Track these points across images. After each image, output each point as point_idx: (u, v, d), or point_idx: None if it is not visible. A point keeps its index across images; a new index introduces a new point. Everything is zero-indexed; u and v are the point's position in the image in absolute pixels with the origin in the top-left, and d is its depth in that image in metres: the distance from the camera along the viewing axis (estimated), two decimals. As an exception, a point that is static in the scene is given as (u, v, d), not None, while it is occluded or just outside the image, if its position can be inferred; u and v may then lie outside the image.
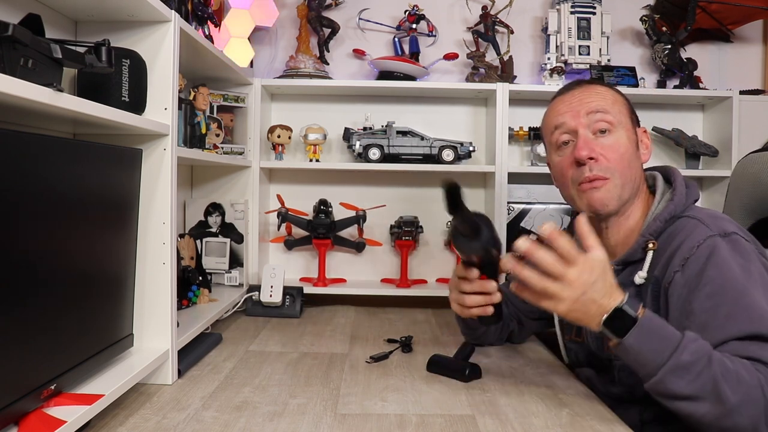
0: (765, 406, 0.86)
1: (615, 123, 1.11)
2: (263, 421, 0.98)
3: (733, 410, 0.85)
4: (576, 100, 1.14)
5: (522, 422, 0.99)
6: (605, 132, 1.11)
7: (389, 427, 0.97)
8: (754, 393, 0.86)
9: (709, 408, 0.87)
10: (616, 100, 1.15)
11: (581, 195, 1.12)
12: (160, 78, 1.15)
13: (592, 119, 1.12)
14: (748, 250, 0.99)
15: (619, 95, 1.17)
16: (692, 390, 0.87)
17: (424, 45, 2.09)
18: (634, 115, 1.17)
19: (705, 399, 0.87)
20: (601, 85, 1.18)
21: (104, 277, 1.03)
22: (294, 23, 2.10)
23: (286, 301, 1.80)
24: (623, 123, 1.13)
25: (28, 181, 0.78)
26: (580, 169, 1.11)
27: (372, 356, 1.34)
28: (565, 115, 1.14)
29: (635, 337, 0.89)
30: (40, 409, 0.85)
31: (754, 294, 0.93)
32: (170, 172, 1.16)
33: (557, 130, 1.15)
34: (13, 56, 0.74)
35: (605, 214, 1.12)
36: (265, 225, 2.06)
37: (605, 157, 1.10)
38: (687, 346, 0.88)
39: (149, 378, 1.14)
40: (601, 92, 1.15)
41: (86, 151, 0.97)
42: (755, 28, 2.20)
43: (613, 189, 1.10)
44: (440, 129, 2.08)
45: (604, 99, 1.14)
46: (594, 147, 1.10)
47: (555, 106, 1.18)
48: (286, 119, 2.04)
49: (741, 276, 0.95)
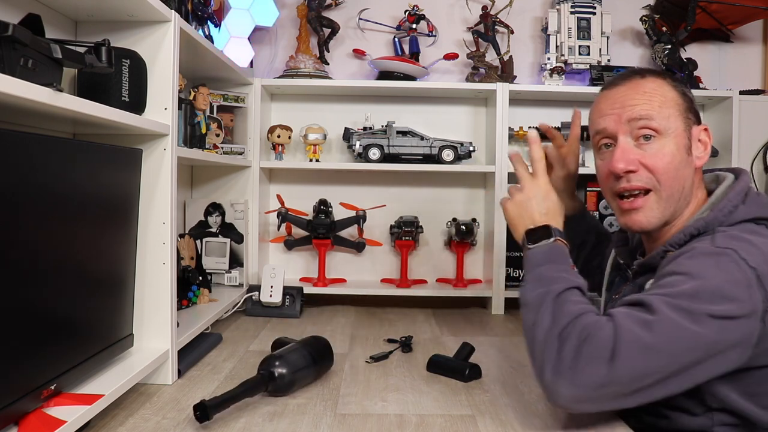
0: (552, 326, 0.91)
1: (661, 130, 1.01)
2: (263, 421, 0.98)
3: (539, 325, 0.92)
4: (619, 101, 1.04)
5: (522, 422, 0.99)
6: (650, 138, 1.02)
7: (389, 427, 0.97)
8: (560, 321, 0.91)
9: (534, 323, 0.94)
10: (666, 101, 1.03)
11: (620, 211, 1.07)
12: (160, 78, 1.15)
13: (634, 126, 1.02)
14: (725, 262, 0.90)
15: (673, 92, 1.04)
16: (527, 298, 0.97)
17: (424, 45, 2.09)
18: (691, 113, 1.05)
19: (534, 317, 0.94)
20: (651, 80, 1.05)
21: (104, 277, 1.03)
22: (294, 23, 2.10)
23: (286, 301, 1.80)
24: (672, 128, 1.02)
25: (28, 181, 0.78)
26: (618, 179, 1.04)
27: (372, 356, 1.34)
28: (606, 118, 1.05)
29: (541, 252, 1.01)
30: (40, 409, 0.85)
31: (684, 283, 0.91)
32: (170, 172, 1.16)
33: (598, 135, 1.08)
34: (13, 56, 0.74)
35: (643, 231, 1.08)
36: (265, 225, 2.06)
37: (647, 167, 1.02)
38: (567, 271, 0.98)
39: (149, 378, 1.14)
40: (649, 92, 1.03)
41: (86, 151, 0.97)
42: (755, 28, 2.20)
43: (655, 206, 1.03)
44: (440, 129, 2.08)
45: (650, 101, 1.02)
46: (633, 158, 1.02)
47: (599, 105, 1.09)
48: (286, 119, 2.04)
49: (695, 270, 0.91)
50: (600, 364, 0.86)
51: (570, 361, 0.87)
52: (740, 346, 0.89)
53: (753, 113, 2.00)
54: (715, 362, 0.88)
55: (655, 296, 0.90)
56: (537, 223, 1.04)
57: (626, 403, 0.90)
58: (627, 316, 0.89)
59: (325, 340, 1.22)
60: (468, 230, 1.97)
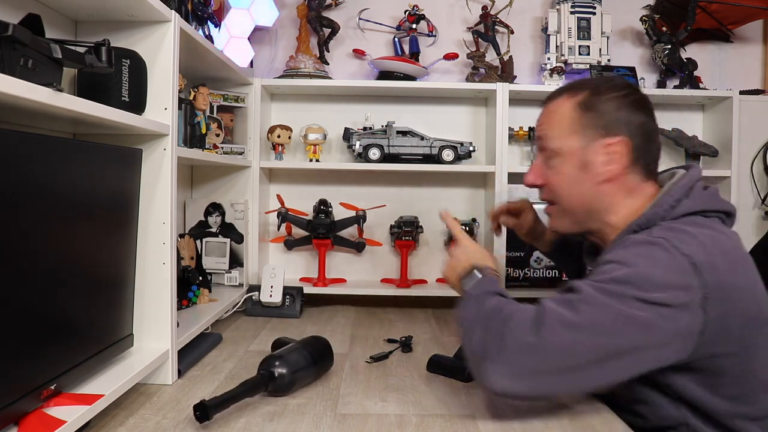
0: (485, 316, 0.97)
1: (555, 149, 1.10)
2: (263, 421, 0.98)
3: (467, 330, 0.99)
4: (537, 124, 1.17)
5: (522, 422, 0.99)
6: (551, 157, 1.11)
7: (389, 427, 0.97)
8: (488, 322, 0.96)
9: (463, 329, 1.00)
10: (562, 122, 1.09)
11: None
12: (160, 78, 1.15)
13: (539, 144, 1.15)
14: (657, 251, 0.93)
15: (573, 112, 1.08)
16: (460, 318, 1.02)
17: (424, 45, 2.09)
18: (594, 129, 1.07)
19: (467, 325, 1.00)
20: (557, 101, 1.12)
21: (104, 277, 1.03)
22: (294, 23, 2.10)
23: (286, 301, 1.80)
24: (566, 148, 1.08)
25: (27, 181, 0.78)
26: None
27: (372, 356, 1.34)
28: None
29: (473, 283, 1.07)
30: (40, 409, 0.85)
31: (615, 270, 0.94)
32: (170, 172, 1.16)
33: None
34: (13, 56, 0.74)
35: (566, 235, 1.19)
36: (265, 225, 2.06)
37: (549, 183, 1.13)
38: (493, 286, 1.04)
39: (149, 378, 1.14)
40: (551, 111, 1.12)
41: (86, 151, 0.97)
42: (755, 28, 2.20)
43: (560, 215, 1.15)
44: (440, 129, 2.08)
45: (550, 121, 1.12)
46: (539, 174, 1.15)
47: None
48: (286, 119, 2.04)
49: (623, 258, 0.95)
50: (524, 336, 0.91)
51: (497, 343, 0.92)
52: (682, 336, 0.90)
53: (753, 113, 2.00)
54: (658, 351, 0.91)
55: (584, 282, 0.95)
56: (467, 269, 1.10)
57: (562, 385, 0.93)
58: (553, 299, 0.95)
59: (325, 340, 1.22)
60: (468, 230, 1.97)
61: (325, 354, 1.20)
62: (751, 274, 0.98)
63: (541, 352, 0.90)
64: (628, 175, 1.07)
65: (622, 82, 1.12)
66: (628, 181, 1.08)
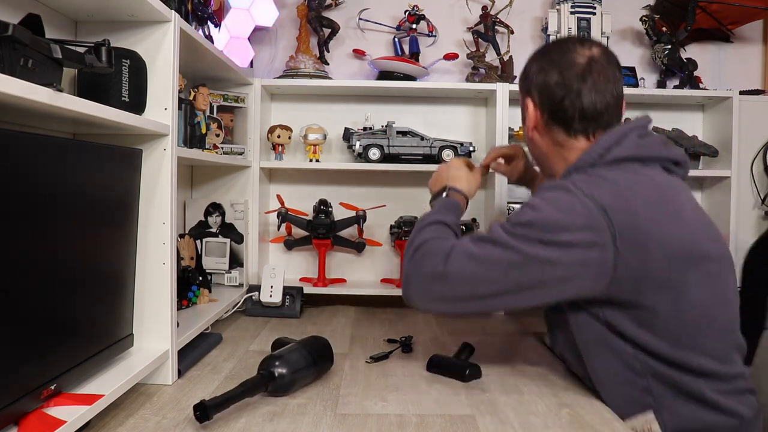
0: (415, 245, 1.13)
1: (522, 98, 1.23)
2: (263, 421, 0.98)
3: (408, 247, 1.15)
4: None
5: (522, 422, 0.99)
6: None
7: (389, 427, 0.97)
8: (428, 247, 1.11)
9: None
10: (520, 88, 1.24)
11: None
12: (160, 78, 1.15)
13: None
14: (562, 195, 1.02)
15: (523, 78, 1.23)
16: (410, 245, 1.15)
17: (424, 45, 2.09)
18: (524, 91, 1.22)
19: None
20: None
21: (104, 277, 1.03)
22: (294, 23, 2.10)
23: (286, 301, 1.80)
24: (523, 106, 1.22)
25: (27, 181, 0.78)
26: None
27: (372, 356, 1.34)
28: None
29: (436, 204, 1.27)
30: (40, 409, 0.85)
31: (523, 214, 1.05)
32: (170, 172, 1.16)
33: None
34: (13, 56, 0.74)
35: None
36: (265, 225, 2.06)
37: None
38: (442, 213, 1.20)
39: (149, 378, 1.14)
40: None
41: (86, 151, 0.97)
42: (755, 28, 2.20)
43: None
44: (440, 129, 2.08)
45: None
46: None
47: None
48: (286, 119, 2.04)
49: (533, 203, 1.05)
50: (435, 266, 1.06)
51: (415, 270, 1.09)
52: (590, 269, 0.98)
53: (753, 113, 2.00)
54: (563, 285, 1.00)
55: (499, 223, 1.08)
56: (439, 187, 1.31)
57: (474, 308, 1.08)
58: (470, 236, 1.10)
59: (325, 340, 1.22)
60: (468, 230, 1.97)
61: (325, 354, 1.20)
62: (676, 215, 1.02)
63: (446, 280, 1.05)
64: (551, 131, 1.17)
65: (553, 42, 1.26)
66: (554, 136, 1.17)
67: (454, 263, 1.04)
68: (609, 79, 1.12)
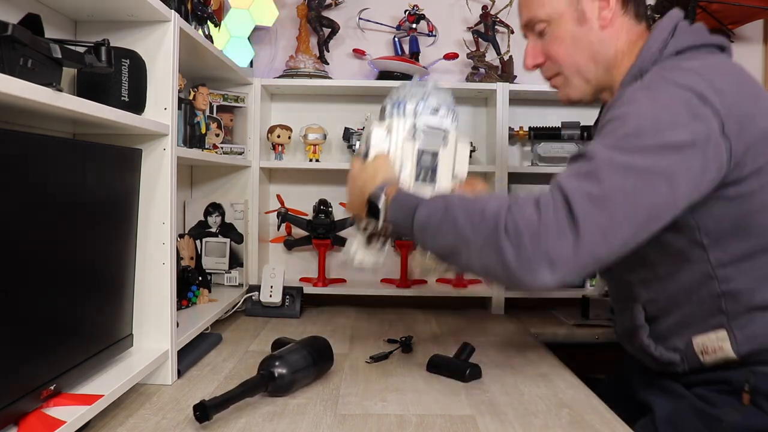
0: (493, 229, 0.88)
1: (548, 19, 1.07)
2: (263, 421, 0.98)
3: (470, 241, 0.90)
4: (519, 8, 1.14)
5: (522, 422, 0.99)
6: (543, 32, 1.09)
7: (389, 427, 0.97)
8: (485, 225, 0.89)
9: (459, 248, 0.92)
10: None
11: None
12: (159, 78, 1.15)
13: (528, 28, 1.12)
14: (655, 92, 0.92)
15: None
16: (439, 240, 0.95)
17: (424, 45, 2.09)
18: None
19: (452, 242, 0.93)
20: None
21: (104, 277, 1.03)
22: (294, 23, 2.10)
23: (285, 301, 1.80)
24: (555, 12, 1.06)
25: (27, 181, 0.78)
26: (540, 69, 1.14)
27: (372, 356, 1.34)
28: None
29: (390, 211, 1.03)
30: (39, 410, 0.85)
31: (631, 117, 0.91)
32: (170, 172, 1.16)
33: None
34: (13, 56, 0.74)
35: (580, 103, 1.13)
36: (265, 225, 2.06)
37: (549, 56, 1.10)
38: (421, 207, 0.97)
39: (149, 378, 1.14)
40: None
41: (86, 151, 0.97)
42: (755, 28, 2.20)
43: (571, 81, 1.10)
44: (440, 129, 2.07)
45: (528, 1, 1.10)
46: (537, 53, 1.11)
47: None
48: (286, 119, 2.04)
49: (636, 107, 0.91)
50: (565, 240, 0.84)
51: (537, 255, 0.84)
52: (710, 169, 0.88)
53: (753, 113, 2.00)
54: (696, 190, 0.88)
55: (595, 145, 0.90)
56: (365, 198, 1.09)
57: (615, 254, 0.88)
58: (569, 175, 0.89)
59: (325, 340, 1.22)
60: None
61: (325, 354, 1.20)
62: (758, 93, 0.95)
63: (584, 241, 0.83)
64: (622, 18, 1.06)
65: None
66: (625, 25, 1.06)
67: (583, 219, 0.83)
68: None
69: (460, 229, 0.91)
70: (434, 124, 1.17)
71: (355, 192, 1.15)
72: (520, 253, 0.85)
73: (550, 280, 0.85)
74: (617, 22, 1.06)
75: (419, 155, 1.15)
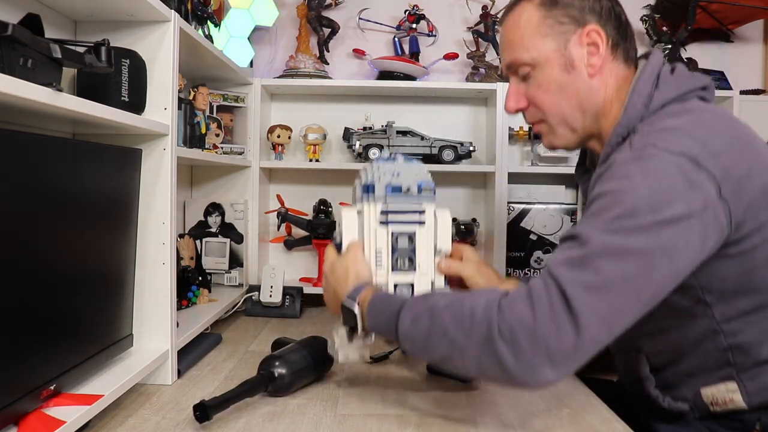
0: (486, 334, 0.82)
1: (531, 63, 1.00)
2: (263, 421, 0.98)
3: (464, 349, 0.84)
4: (501, 46, 1.08)
5: (522, 422, 0.99)
6: (527, 76, 1.01)
7: (389, 427, 0.97)
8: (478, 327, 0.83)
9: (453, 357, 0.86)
10: (527, 31, 1.00)
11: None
12: (159, 78, 1.15)
13: (512, 70, 1.04)
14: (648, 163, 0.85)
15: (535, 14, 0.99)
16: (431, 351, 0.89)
17: (424, 45, 2.09)
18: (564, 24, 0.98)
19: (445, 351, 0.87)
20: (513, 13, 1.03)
21: (104, 277, 1.03)
22: (294, 23, 2.10)
23: (285, 301, 1.80)
24: (541, 56, 0.99)
25: (27, 181, 0.78)
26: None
27: (372, 356, 1.34)
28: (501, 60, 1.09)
29: (369, 319, 0.96)
30: (39, 410, 0.85)
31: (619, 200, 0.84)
32: (170, 172, 1.16)
33: None
34: (13, 56, 0.74)
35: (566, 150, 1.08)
36: (265, 225, 2.06)
37: (534, 102, 1.03)
38: (403, 315, 0.90)
39: (149, 378, 1.14)
40: (511, 29, 1.02)
41: (86, 151, 0.97)
42: (755, 28, 2.20)
43: (556, 130, 1.04)
44: (440, 129, 2.08)
45: (512, 42, 1.02)
46: (520, 97, 1.04)
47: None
48: (286, 119, 2.04)
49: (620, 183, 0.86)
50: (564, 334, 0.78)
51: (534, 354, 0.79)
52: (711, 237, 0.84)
53: (753, 113, 2.00)
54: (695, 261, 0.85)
55: (588, 226, 0.84)
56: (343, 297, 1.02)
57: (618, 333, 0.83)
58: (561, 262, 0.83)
59: (324, 340, 1.22)
60: (468, 230, 1.97)
61: (325, 354, 1.20)
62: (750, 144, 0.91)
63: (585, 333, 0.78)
64: (611, 63, 1.00)
65: None
66: (614, 71, 1.00)
67: (581, 310, 0.78)
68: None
69: (451, 337, 0.85)
70: (406, 204, 1.08)
71: (329, 291, 1.08)
72: (518, 355, 0.80)
73: (553, 377, 0.81)
74: (606, 68, 1.00)
75: (394, 240, 1.06)
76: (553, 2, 0.99)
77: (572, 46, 0.98)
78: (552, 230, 2.01)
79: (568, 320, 0.79)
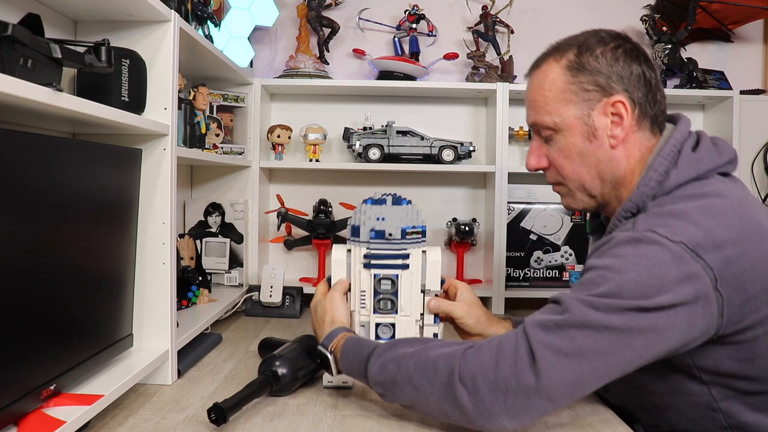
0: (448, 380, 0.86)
1: (554, 126, 0.98)
2: (263, 421, 0.98)
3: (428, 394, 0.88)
4: (526, 103, 1.06)
5: (522, 422, 0.99)
6: (550, 138, 1.00)
7: (389, 427, 0.97)
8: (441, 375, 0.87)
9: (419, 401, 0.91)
10: (552, 94, 0.98)
11: None
12: (159, 78, 1.15)
13: (534, 129, 1.04)
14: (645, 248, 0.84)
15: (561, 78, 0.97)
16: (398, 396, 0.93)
17: (424, 45, 2.09)
18: (590, 92, 0.96)
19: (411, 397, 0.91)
20: (539, 72, 1.01)
21: (104, 277, 1.03)
22: (294, 23, 2.10)
23: (285, 301, 1.80)
24: (565, 121, 0.97)
25: (27, 181, 0.78)
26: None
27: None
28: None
29: (341, 363, 1.01)
30: (39, 410, 0.85)
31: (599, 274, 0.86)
32: (170, 172, 1.16)
33: None
34: (13, 56, 0.74)
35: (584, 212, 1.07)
36: (265, 225, 2.06)
37: (554, 164, 1.02)
38: (371, 363, 0.94)
39: (149, 378, 1.14)
40: (536, 89, 1.01)
41: (86, 151, 0.97)
42: (755, 28, 2.20)
43: (574, 194, 1.03)
44: (440, 129, 2.08)
45: (536, 103, 1.01)
46: (542, 156, 1.03)
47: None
48: (286, 119, 2.04)
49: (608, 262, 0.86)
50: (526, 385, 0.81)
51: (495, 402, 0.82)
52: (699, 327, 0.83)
53: (753, 113, 2.00)
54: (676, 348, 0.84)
55: (572, 296, 0.85)
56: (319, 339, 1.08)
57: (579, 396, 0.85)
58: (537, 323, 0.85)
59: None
60: (468, 230, 1.97)
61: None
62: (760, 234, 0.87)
63: (546, 393, 0.81)
64: (635, 134, 0.96)
65: (611, 33, 0.99)
66: (638, 141, 0.97)
67: (547, 369, 0.80)
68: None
69: (416, 384, 0.89)
70: (389, 249, 1.09)
71: (313, 327, 1.14)
72: (476, 401, 0.83)
73: (510, 426, 0.83)
74: (630, 138, 0.97)
75: (377, 283, 1.09)
76: (580, 67, 0.96)
77: (596, 115, 0.96)
78: (552, 230, 2.01)
79: (529, 376, 0.81)
